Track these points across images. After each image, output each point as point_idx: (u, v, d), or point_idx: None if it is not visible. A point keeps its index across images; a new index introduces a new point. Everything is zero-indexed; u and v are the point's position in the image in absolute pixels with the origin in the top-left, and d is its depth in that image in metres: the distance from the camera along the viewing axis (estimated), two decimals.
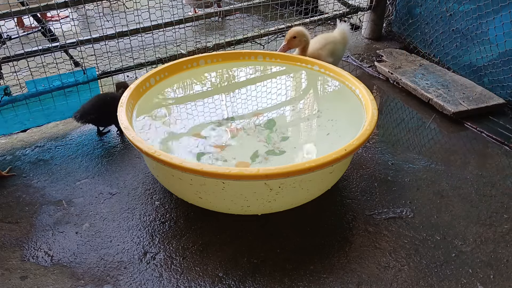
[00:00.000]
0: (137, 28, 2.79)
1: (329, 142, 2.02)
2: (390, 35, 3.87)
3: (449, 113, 2.73)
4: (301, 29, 2.64)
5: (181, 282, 1.71)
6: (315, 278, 1.72)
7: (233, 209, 1.89)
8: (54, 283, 1.70)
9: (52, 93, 2.56)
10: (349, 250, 1.84)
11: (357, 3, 3.71)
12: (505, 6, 2.72)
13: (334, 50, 2.78)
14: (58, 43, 2.60)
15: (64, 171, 2.29)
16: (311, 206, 2.03)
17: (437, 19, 3.28)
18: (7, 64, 2.53)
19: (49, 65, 2.58)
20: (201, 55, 2.59)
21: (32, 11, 2.45)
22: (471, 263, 1.80)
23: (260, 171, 1.63)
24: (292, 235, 1.92)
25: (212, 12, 3.04)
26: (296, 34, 2.61)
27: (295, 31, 2.61)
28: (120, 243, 1.87)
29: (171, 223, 1.98)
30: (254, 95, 2.47)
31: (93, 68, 2.68)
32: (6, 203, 2.08)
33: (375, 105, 2.06)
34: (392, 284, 1.71)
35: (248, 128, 2.15)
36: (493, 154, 2.46)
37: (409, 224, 1.98)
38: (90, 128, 2.64)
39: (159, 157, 1.69)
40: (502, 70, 2.82)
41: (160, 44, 3.00)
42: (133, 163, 2.35)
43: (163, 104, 2.36)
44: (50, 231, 1.93)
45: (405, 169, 2.32)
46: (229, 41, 3.20)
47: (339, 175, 2.06)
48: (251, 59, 2.65)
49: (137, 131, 1.98)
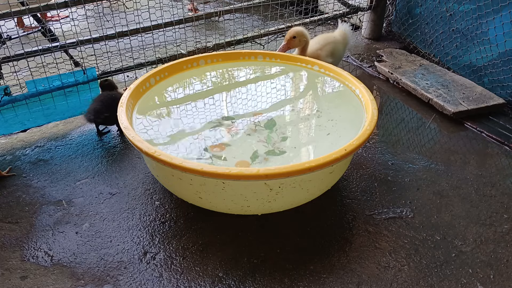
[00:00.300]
0: (137, 28, 2.79)
1: (329, 142, 2.02)
2: (390, 35, 3.87)
3: (449, 113, 2.73)
4: (300, 29, 2.64)
5: (181, 282, 1.71)
6: (315, 278, 1.72)
7: (233, 209, 1.88)
8: (54, 283, 1.70)
9: (52, 93, 2.56)
10: (349, 250, 1.84)
11: (357, 3, 3.71)
12: (505, 6, 2.72)
13: (334, 50, 2.78)
14: (58, 43, 2.60)
15: (64, 171, 2.29)
16: (311, 206, 2.03)
17: (437, 19, 3.28)
18: (7, 64, 2.54)
19: (49, 65, 2.58)
20: (201, 55, 2.59)
21: (32, 11, 2.45)
22: (471, 263, 1.80)
23: (260, 171, 1.63)
24: (292, 235, 1.92)
25: (212, 12, 3.04)
26: (295, 34, 2.61)
27: (294, 31, 2.62)
28: (120, 243, 1.87)
29: (171, 223, 1.98)
30: (254, 95, 2.47)
31: (93, 68, 2.68)
32: (6, 203, 2.08)
33: (375, 105, 2.06)
34: (392, 284, 1.71)
35: (248, 128, 2.15)
36: (493, 154, 2.46)
37: (409, 224, 1.98)
38: (90, 128, 2.64)
39: (159, 157, 1.69)
40: (502, 70, 2.82)
41: (160, 44, 3.00)
42: (133, 163, 2.35)
43: (163, 104, 2.36)
44: (50, 231, 1.93)
45: (405, 169, 2.32)
46: (229, 41, 3.20)
47: (339, 175, 2.06)
48: (251, 59, 2.66)
49: (137, 131, 1.98)
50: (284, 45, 2.64)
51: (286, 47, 2.65)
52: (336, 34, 2.89)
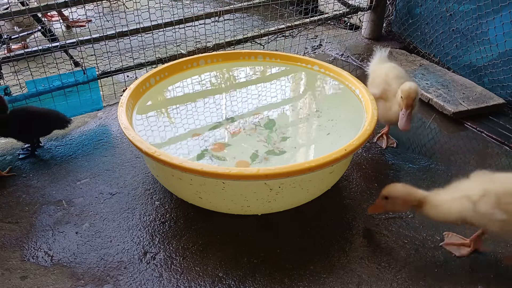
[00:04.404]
0: (137, 28, 2.79)
1: (329, 142, 2.02)
2: (390, 35, 3.87)
3: (449, 113, 2.73)
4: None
5: (181, 282, 1.71)
6: (315, 278, 1.72)
7: (233, 209, 1.89)
8: (54, 283, 1.70)
9: (52, 93, 2.56)
10: (349, 250, 1.84)
11: (357, 3, 3.71)
12: (505, 6, 2.72)
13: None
14: (58, 43, 2.60)
15: (64, 171, 2.29)
16: (311, 206, 2.03)
17: (437, 19, 3.28)
18: (7, 64, 2.54)
19: (49, 65, 2.58)
20: (201, 55, 2.59)
21: (32, 11, 2.45)
22: (471, 263, 1.80)
23: (260, 171, 1.63)
24: (292, 235, 1.92)
25: (212, 12, 3.04)
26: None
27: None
28: (120, 243, 1.87)
29: (171, 223, 1.98)
30: (254, 95, 2.47)
31: (93, 68, 2.68)
32: (6, 203, 2.08)
33: (375, 105, 2.06)
34: (392, 284, 1.71)
35: (248, 128, 2.15)
36: (493, 154, 2.46)
37: (409, 224, 1.98)
38: (90, 128, 2.64)
39: (159, 157, 1.69)
40: (502, 70, 2.82)
41: (160, 44, 3.00)
42: (133, 163, 2.35)
43: (163, 104, 2.36)
44: (50, 231, 1.93)
45: (405, 169, 2.32)
46: (229, 41, 3.20)
47: (339, 175, 2.06)
48: (251, 59, 2.65)
49: (137, 131, 1.98)
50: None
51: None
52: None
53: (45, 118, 2.33)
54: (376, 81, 2.34)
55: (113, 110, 2.81)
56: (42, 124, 2.34)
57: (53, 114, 2.36)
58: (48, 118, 2.34)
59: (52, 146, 2.49)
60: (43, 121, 2.32)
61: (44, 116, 2.33)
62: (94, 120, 2.72)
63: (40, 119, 2.31)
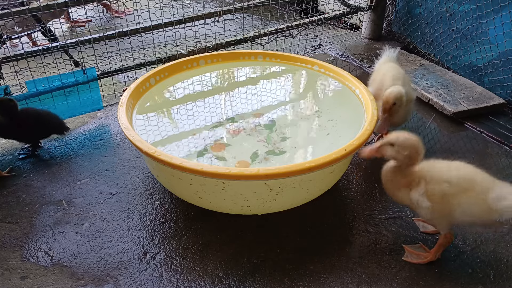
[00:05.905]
0: (137, 28, 2.79)
1: (329, 142, 2.02)
2: (390, 35, 3.87)
3: (449, 113, 2.73)
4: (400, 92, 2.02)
5: (181, 282, 1.71)
6: (315, 278, 1.72)
7: (233, 209, 1.89)
8: (54, 283, 1.70)
9: (52, 93, 2.56)
10: (349, 250, 1.84)
11: (357, 3, 3.71)
12: (505, 6, 2.72)
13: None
14: (58, 43, 2.60)
15: (64, 171, 2.29)
16: (311, 206, 2.03)
17: (437, 19, 3.28)
18: (7, 64, 2.54)
19: (49, 65, 2.58)
20: (201, 55, 2.59)
21: (32, 11, 2.45)
22: (471, 263, 1.80)
23: (260, 171, 1.63)
24: (292, 235, 1.92)
25: (212, 12, 3.04)
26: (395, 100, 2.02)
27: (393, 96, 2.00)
28: (120, 243, 1.87)
29: (171, 223, 1.98)
30: (254, 95, 2.47)
31: (93, 68, 2.68)
32: (6, 203, 2.08)
33: (375, 105, 2.06)
34: (392, 284, 1.70)
35: (248, 128, 2.15)
36: (493, 154, 2.46)
37: (409, 224, 1.98)
38: (90, 128, 2.64)
39: (159, 157, 1.69)
40: (502, 70, 2.82)
41: (160, 44, 3.00)
42: (133, 163, 2.35)
43: (163, 104, 2.36)
44: (50, 231, 1.93)
45: None
46: (229, 41, 3.20)
47: (339, 175, 2.06)
48: (251, 59, 2.65)
49: (137, 131, 1.98)
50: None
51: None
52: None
53: (44, 123, 2.33)
54: (376, 80, 2.34)
55: (113, 110, 2.81)
56: (42, 128, 2.34)
57: (54, 120, 2.37)
58: (48, 123, 2.35)
59: (52, 146, 2.49)
60: (42, 125, 2.33)
61: (44, 120, 2.33)
62: (94, 120, 2.72)
63: (40, 123, 2.32)
